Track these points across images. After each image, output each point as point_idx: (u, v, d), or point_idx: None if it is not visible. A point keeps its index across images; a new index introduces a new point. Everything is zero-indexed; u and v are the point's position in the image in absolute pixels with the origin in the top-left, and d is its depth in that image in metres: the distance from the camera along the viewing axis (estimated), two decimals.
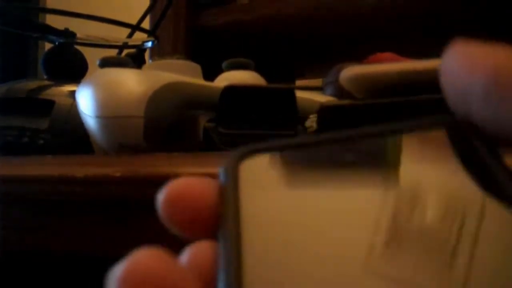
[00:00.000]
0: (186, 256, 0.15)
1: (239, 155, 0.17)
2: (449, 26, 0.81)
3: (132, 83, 0.45)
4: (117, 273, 0.14)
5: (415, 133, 0.16)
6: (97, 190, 0.36)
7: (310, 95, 0.55)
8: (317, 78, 1.06)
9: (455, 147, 0.16)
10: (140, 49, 0.69)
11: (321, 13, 0.84)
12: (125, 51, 0.70)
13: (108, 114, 0.44)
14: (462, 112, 0.16)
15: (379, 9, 0.81)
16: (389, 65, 0.37)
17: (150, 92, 0.44)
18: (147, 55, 0.75)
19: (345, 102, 0.38)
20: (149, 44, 0.69)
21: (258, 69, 0.62)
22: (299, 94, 0.49)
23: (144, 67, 0.59)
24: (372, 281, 0.14)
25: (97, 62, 0.49)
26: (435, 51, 0.18)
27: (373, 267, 0.14)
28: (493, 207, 0.14)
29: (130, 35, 0.70)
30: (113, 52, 0.69)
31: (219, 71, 0.62)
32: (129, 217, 0.37)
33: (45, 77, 0.62)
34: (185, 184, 0.16)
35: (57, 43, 0.64)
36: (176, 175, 0.33)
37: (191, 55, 0.83)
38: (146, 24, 0.73)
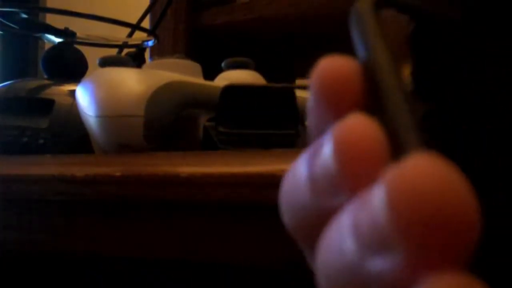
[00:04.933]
0: None
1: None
2: None
3: (132, 82, 0.45)
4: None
5: None
6: (97, 190, 0.36)
7: None
8: None
9: None
10: (140, 48, 0.69)
11: (321, 13, 0.84)
12: (125, 51, 0.70)
13: (108, 114, 0.44)
14: None
15: None
16: None
17: (150, 91, 0.44)
18: (147, 54, 0.75)
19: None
20: (149, 43, 0.69)
21: (258, 69, 0.62)
22: (299, 93, 0.49)
23: (144, 66, 0.59)
24: None
25: (97, 62, 0.49)
26: None
27: None
28: None
29: (130, 35, 0.70)
30: (113, 52, 0.69)
31: (219, 70, 0.62)
32: (129, 216, 0.37)
33: (45, 76, 0.62)
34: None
35: (57, 43, 0.64)
36: (176, 175, 0.33)
37: (191, 54, 0.83)
38: (146, 24, 0.73)
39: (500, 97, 0.15)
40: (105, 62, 0.48)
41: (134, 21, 0.69)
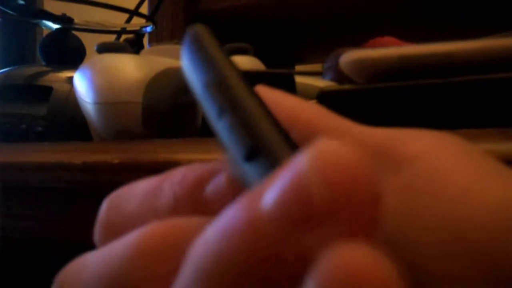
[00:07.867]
0: None
1: None
2: (448, 10, 0.81)
3: (130, 68, 0.44)
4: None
5: None
6: (95, 177, 0.36)
7: (310, 80, 0.54)
8: (316, 63, 1.05)
9: None
10: (138, 34, 0.69)
11: None
12: (123, 37, 0.69)
13: (106, 100, 0.43)
14: None
15: None
16: (389, 50, 0.36)
17: (148, 78, 0.44)
18: (145, 40, 0.75)
19: (345, 87, 0.38)
20: (148, 29, 0.69)
21: (257, 54, 0.62)
22: (299, 79, 0.48)
23: (142, 52, 0.59)
24: None
25: (95, 48, 0.48)
26: (436, 35, 0.18)
27: None
28: None
29: (128, 20, 0.69)
30: (111, 38, 0.69)
31: None
32: None
33: (42, 63, 0.62)
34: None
35: (54, 29, 0.64)
36: (175, 162, 0.33)
37: None
38: (144, 9, 0.73)
39: None
40: (103, 48, 0.47)
41: (132, 7, 0.69)
